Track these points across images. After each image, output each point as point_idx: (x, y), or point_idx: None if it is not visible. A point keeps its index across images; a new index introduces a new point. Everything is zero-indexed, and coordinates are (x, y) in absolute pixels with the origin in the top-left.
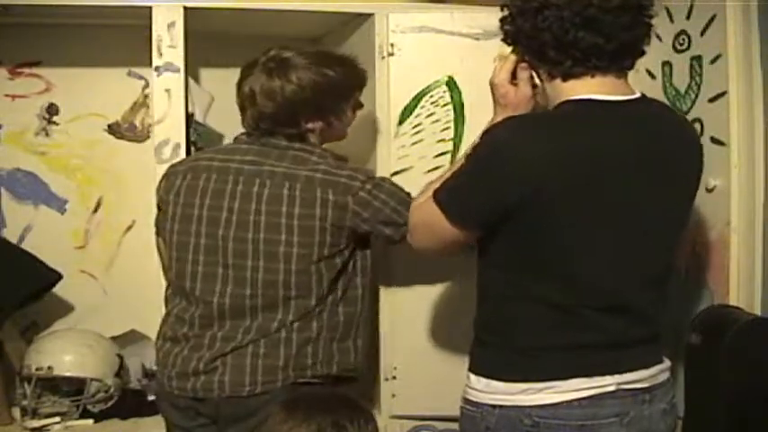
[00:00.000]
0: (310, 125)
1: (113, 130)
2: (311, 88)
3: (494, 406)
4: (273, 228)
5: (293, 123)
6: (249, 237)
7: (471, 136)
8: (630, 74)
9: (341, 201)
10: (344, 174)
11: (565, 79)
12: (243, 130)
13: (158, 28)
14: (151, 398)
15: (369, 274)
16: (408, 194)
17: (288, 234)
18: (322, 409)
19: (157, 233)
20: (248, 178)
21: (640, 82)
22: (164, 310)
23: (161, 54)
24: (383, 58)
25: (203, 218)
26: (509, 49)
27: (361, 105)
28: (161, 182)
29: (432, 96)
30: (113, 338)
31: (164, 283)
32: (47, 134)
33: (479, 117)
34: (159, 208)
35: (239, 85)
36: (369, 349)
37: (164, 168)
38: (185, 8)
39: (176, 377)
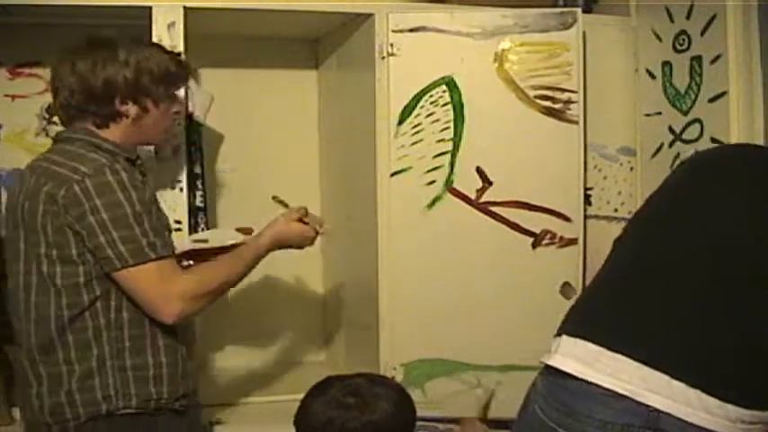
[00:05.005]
0: None
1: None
2: None
3: None
4: None
5: None
6: None
7: (471, 136)
8: (631, 74)
9: None
10: None
11: None
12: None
13: (158, 28)
14: None
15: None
16: None
17: None
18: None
19: None
20: None
21: (640, 82)
22: None
23: None
24: (383, 58)
25: None
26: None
27: None
28: None
29: (431, 96)
30: None
31: None
32: (47, 134)
33: (479, 117)
34: None
35: None
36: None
37: (164, 167)
38: (185, 8)
39: None
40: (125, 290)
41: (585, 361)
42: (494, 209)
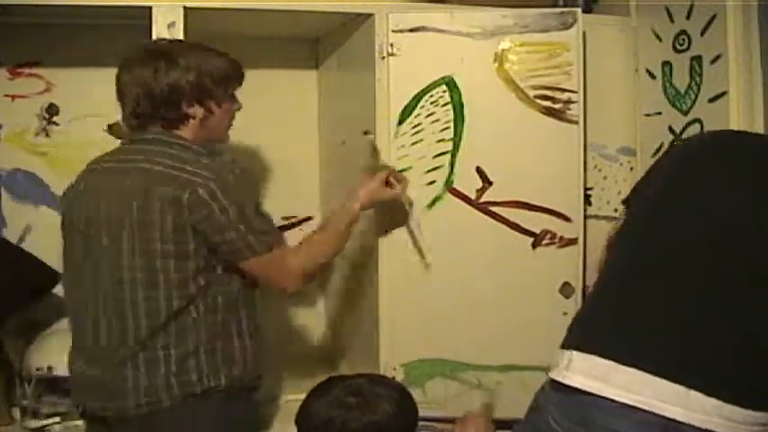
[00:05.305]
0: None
1: (113, 130)
2: None
3: None
4: None
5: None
6: None
7: (471, 136)
8: (631, 74)
9: None
10: None
11: None
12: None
13: (158, 28)
14: None
15: None
16: None
17: None
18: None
19: None
20: None
21: (640, 82)
22: None
23: None
24: (383, 58)
25: None
26: None
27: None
28: None
29: (431, 96)
30: None
31: None
32: (47, 134)
33: (479, 117)
34: None
35: None
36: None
37: None
38: (185, 8)
39: None
40: (255, 275)
41: (597, 376)
42: (494, 209)
